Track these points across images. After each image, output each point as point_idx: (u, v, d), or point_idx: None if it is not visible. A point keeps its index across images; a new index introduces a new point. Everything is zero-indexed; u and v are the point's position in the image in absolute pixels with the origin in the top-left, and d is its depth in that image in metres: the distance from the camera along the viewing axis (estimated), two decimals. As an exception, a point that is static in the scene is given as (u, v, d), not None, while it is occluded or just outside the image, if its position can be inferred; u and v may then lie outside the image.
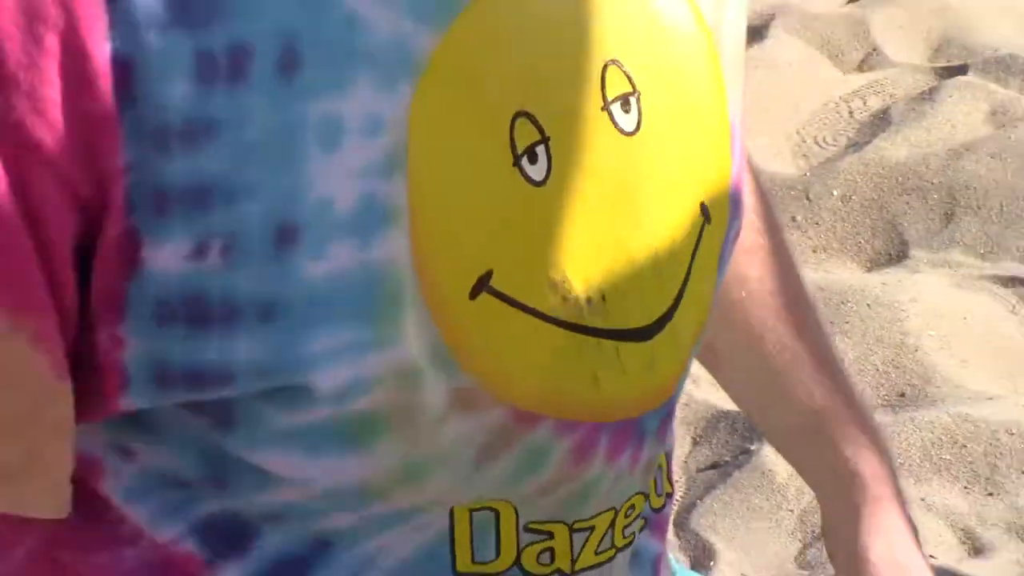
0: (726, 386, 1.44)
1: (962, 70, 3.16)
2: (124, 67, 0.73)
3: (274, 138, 0.78)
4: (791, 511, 2.41)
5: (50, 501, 0.87)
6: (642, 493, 1.01)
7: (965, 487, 2.44)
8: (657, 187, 0.95)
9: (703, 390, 2.54)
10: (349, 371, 0.84)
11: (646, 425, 0.95)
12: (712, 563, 2.20)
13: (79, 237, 0.77)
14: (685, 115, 0.98)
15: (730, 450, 2.47)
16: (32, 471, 0.85)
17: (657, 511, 1.06)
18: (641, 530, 1.03)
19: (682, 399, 1.75)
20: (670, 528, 1.59)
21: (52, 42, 0.73)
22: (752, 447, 2.42)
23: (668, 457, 1.08)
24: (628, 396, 0.96)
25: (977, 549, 2.37)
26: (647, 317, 0.93)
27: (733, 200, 1.00)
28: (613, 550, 0.99)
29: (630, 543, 1.02)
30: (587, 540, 0.99)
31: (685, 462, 2.43)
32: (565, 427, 0.92)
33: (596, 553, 0.99)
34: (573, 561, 0.98)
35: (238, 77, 0.76)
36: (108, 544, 0.95)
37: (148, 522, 0.93)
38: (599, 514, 0.98)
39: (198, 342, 0.82)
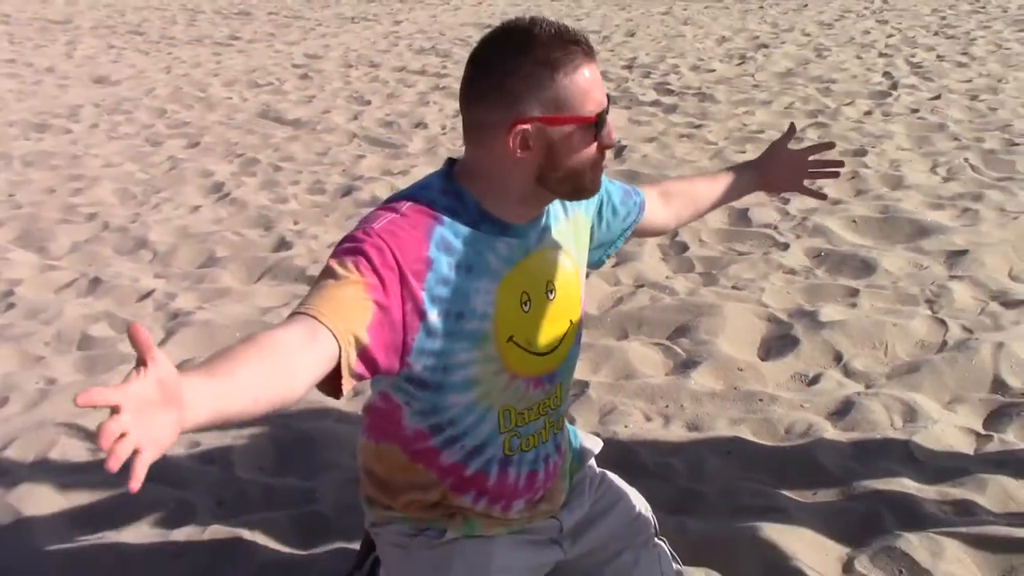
0: (708, 203, 1.94)
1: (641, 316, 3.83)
2: (422, 296, 1.39)
3: (463, 294, 1.43)
4: (597, 420, 2.99)
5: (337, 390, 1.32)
6: (551, 397, 1.61)
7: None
8: (556, 314, 1.57)
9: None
10: (471, 355, 1.46)
11: (544, 379, 1.58)
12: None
13: (406, 314, 1.38)
14: (568, 296, 1.59)
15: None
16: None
17: (555, 409, 1.64)
18: (553, 411, 1.63)
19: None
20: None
21: (407, 285, 1.37)
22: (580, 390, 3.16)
23: (564, 395, 1.65)
24: (538, 371, 1.57)
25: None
26: (549, 347, 1.57)
27: (580, 322, 1.65)
28: (542, 416, 1.61)
29: (551, 412, 1.62)
30: (532, 413, 1.60)
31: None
32: (525, 379, 1.55)
33: (534, 417, 1.60)
34: (527, 419, 1.59)
35: (460, 272, 1.42)
36: (400, 427, 1.55)
37: (411, 424, 1.55)
38: (537, 403, 1.60)
39: (437, 341, 1.43)
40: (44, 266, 4.56)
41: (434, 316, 1.40)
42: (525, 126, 1.40)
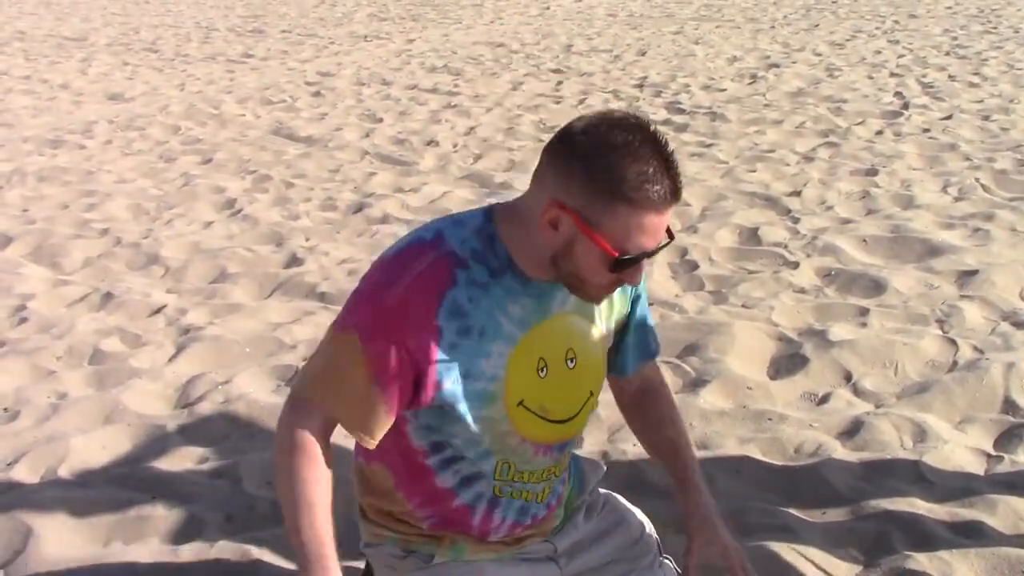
0: (648, 445, 1.76)
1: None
2: (432, 368, 1.41)
3: (472, 356, 1.43)
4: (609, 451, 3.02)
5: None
6: (558, 465, 1.63)
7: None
8: (576, 383, 1.56)
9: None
10: (477, 413, 1.47)
11: (555, 447, 1.59)
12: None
13: (425, 386, 1.42)
14: (589, 365, 1.57)
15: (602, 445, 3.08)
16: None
17: (558, 477, 1.66)
18: (556, 479, 1.65)
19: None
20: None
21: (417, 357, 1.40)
22: (622, 446, 3.08)
23: (570, 464, 1.70)
24: (552, 438, 1.57)
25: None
26: (565, 416, 1.57)
27: (598, 392, 1.61)
28: (543, 481, 1.62)
29: (553, 479, 1.64)
30: (534, 476, 1.60)
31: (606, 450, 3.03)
32: (534, 444, 1.56)
33: (537, 479, 1.60)
34: (525, 479, 1.59)
35: (471, 336, 1.43)
36: (402, 441, 1.55)
37: (414, 438, 1.55)
38: (543, 469, 1.60)
39: (445, 397, 1.45)
40: (56, 281, 4.60)
41: (446, 381, 1.43)
42: (561, 211, 1.36)
